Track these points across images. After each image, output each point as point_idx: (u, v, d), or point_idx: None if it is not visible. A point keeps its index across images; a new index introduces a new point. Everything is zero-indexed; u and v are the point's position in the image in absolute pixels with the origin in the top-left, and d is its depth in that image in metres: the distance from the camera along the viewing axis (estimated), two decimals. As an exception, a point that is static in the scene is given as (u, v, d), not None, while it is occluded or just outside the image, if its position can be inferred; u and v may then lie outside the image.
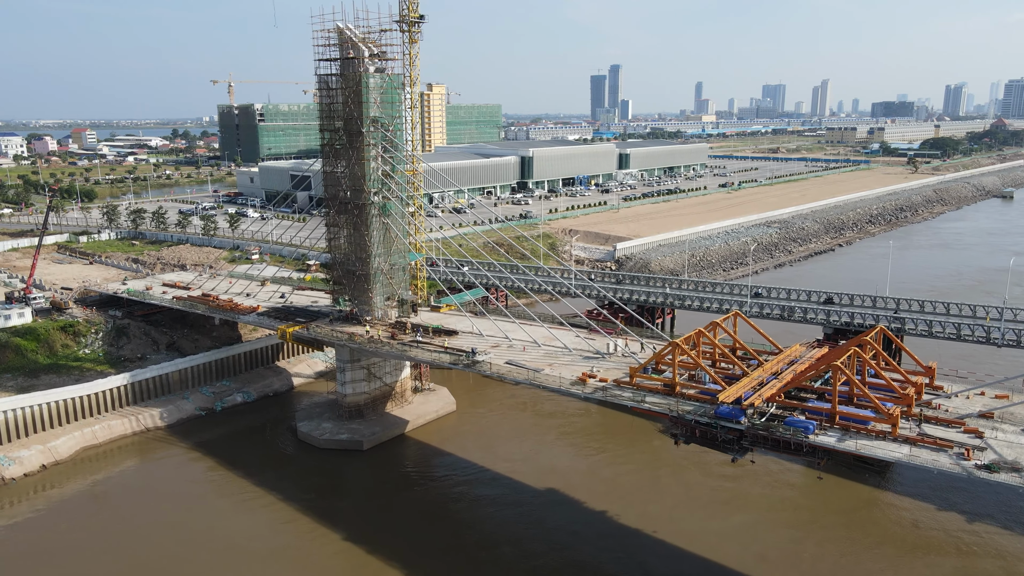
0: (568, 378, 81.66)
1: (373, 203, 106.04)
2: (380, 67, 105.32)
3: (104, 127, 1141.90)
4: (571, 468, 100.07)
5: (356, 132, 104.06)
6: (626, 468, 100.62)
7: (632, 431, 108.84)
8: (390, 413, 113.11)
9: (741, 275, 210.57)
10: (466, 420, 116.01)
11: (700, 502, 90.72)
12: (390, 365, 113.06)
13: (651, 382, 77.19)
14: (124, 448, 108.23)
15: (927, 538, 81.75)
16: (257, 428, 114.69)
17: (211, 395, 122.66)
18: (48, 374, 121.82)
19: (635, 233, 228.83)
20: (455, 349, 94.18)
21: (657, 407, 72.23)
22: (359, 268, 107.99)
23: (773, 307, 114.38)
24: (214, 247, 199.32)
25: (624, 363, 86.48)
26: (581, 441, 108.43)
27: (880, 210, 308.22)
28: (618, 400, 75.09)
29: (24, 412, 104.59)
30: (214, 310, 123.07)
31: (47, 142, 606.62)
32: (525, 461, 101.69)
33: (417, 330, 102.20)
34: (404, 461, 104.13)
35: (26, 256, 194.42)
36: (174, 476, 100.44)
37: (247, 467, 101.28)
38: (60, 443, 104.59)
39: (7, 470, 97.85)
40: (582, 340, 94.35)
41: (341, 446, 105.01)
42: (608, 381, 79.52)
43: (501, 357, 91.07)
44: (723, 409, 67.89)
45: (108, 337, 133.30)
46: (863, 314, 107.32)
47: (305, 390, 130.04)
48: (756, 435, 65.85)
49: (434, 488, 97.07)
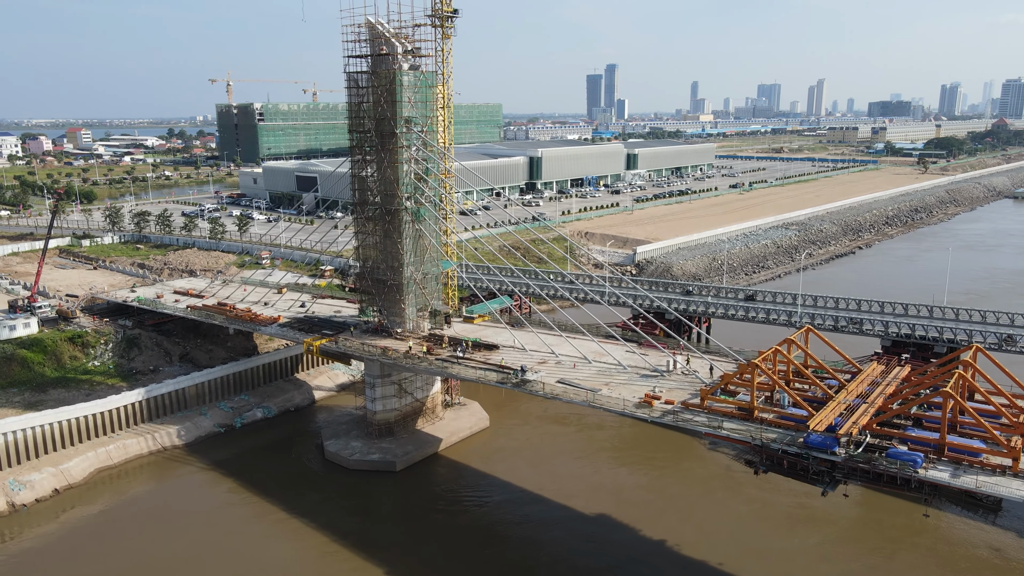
0: (630, 400, 75.64)
1: (406, 208, 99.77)
2: (414, 64, 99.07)
3: (97, 126, 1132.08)
4: (619, 484, 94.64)
5: (389, 133, 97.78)
6: (678, 483, 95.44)
7: (676, 444, 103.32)
8: (421, 430, 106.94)
9: (765, 279, 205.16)
10: (502, 436, 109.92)
11: (761, 517, 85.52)
12: (421, 380, 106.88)
13: (724, 405, 71.19)
14: (141, 469, 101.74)
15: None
16: (280, 446, 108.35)
17: (230, 410, 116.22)
18: (56, 388, 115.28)
19: (653, 236, 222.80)
20: (500, 366, 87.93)
21: (737, 434, 66.21)
22: (390, 277, 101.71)
23: (825, 318, 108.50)
24: (222, 251, 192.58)
25: (685, 382, 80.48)
26: (625, 455, 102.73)
27: (895, 212, 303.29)
28: (691, 426, 69.05)
29: (35, 432, 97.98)
30: (233, 321, 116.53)
31: (42, 142, 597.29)
32: (571, 479, 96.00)
33: (459, 346, 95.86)
34: (440, 482, 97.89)
35: (27, 261, 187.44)
36: (196, 501, 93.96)
37: (273, 490, 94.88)
38: (73, 465, 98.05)
39: (18, 496, 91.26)
40: (637, 356, 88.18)
41: (373, 467, 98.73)
42: (675, 403, 73.47)
43: (551, 375, 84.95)
44: (814, 438, 61.96)
45: (118, 348, 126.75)
46: (925, 326, 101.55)
47: (327, 404, 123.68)
48: (854, 467, 59.90)
49: (476, 511, 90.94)
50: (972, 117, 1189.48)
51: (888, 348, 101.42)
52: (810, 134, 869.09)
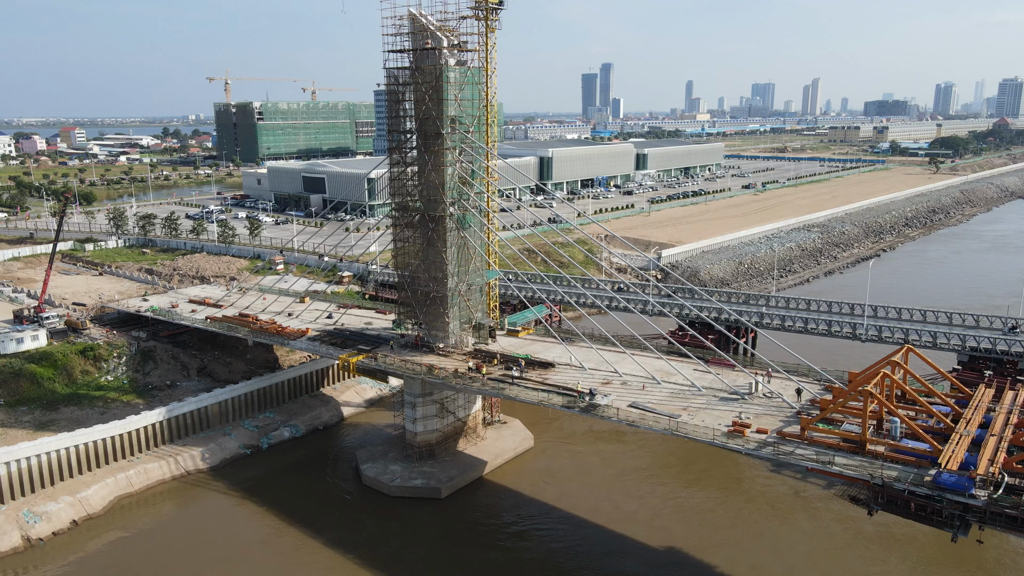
0: (716, 427, 68.71)
1: (451, 215, 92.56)
2: (461, 59, 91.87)
3: (89, 125, 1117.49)
4: (681, 505, 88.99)
5: (434, 134, 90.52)
6: (747, 504, 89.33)
7: (731, 460, 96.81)
8: (463, 452, 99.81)
9: (793, 283, 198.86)
10: (549, 457, 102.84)
11: (847, 543, 78.88)
12: (463, 398, 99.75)
13: (827, 436, 64.30)
14: (164, 496, 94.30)
15: None
16: (312, 469, 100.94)
17: (255, 429, 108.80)
18: (68, 406, 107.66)
19: (675, 239, 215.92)
20: (565, 388, 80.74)
21: (851, 471, 59.33)
22: (434, 289, 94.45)
23: (894, 330, 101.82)
24: (232, 256, 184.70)
25: (771, 406, 73.59)
26: (681, 473, 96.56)
27: (914, 213, 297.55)
28: (794, 460, 62.17)
29: (50, 457, 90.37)
30: (258, 334, 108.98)
31: (35, 141, 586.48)
32: (628, 500, 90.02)
33: (513, 364, 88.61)
34: (489, 510, 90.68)
35: (29, 266, 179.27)
36: (225, 532, 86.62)
37: (307, 520, 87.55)
38: (92, 492, 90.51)
39: (33, 529, 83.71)
40: (711, 375, 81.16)
41: (416, 494, 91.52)
42: (768, 432, 66.58)
43: (620, 397, 77.91)
44: (947, 478, 55.14)
45: (132, 362, 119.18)
46: (1008, 340, 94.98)
47: (357, 421, 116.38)
48: (998, 512, 53.15)
49: (532, 540, 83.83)
50: (968, 116, 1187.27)
51: (965, 364, 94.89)
52: (810, 133, 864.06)
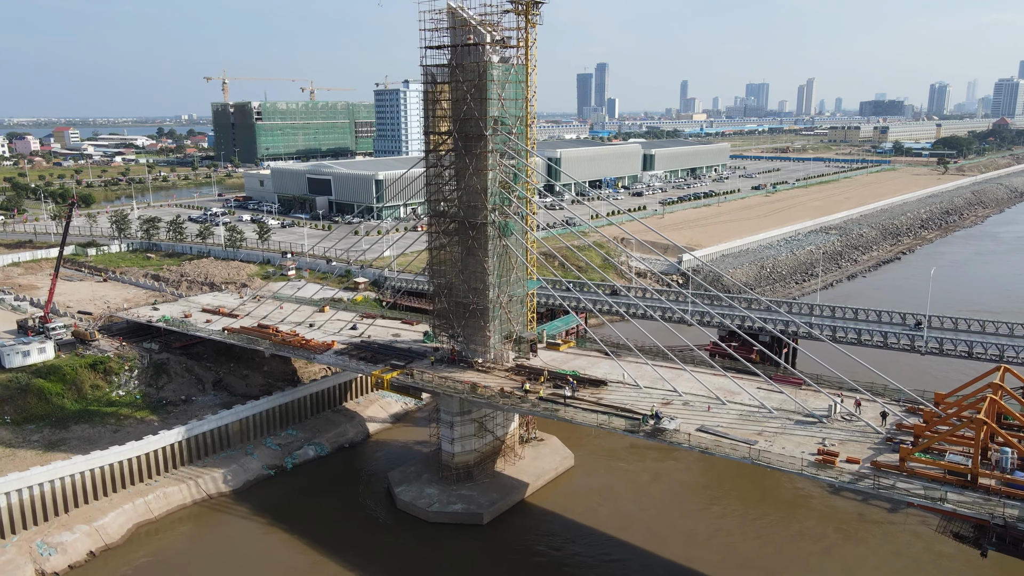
0: (798, 455, 63.07)
1: (493, 222, 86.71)
2: (504, 56, 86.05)
3: (82, 125, 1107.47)
4: (748, 530, 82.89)
5: (476, 135, 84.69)
6: (827, 528, 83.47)
7: (788, 481, 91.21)
8: (502, 473, 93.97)
9: (818, 287, 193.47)
10: (592, 477, 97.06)
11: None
12: (502, 416, 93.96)
13: (930, 467, 58.72)
14: (185, 521, 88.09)
15: None
16: (341, 492, 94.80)
17: (278, 448, 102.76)
18: (79, 424, 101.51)
19: (694, 242, 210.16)
20: (621, 408, 75.09)
21: (967, 509, 53.79)
22: (473, 301, 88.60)
23: (956, 343, 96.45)
24: (241, 260, 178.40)
25: (855, 431, 68.02)
26: (740, 494, 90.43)
27: (928, 214, 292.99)
28: (897, 495, 56.55)
29: (64, 483, 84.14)
30: (281, 347, 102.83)
31: (29, 141, 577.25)
32: (687, 523, 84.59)
33: (565, 383, 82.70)
34: (536, 536, 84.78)
35: (30, 272, 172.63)
36: (255, 562, 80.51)
37: (343, 548, 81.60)
38: (109, 520, 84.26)
39: (48, 562, 77.44)
40: (785, 396, 75.45)
41: (456, 519, 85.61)
42: (860, 462, 60.99)
43: (687, 420, 72.21)
44: (1082, 518, 49.74)
45: (145, 375, 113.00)
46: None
47: (384, 438, 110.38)
48: None
49: (586, 569, 78.15)
50: (964, 116, 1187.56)
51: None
52: (808, 133, 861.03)
